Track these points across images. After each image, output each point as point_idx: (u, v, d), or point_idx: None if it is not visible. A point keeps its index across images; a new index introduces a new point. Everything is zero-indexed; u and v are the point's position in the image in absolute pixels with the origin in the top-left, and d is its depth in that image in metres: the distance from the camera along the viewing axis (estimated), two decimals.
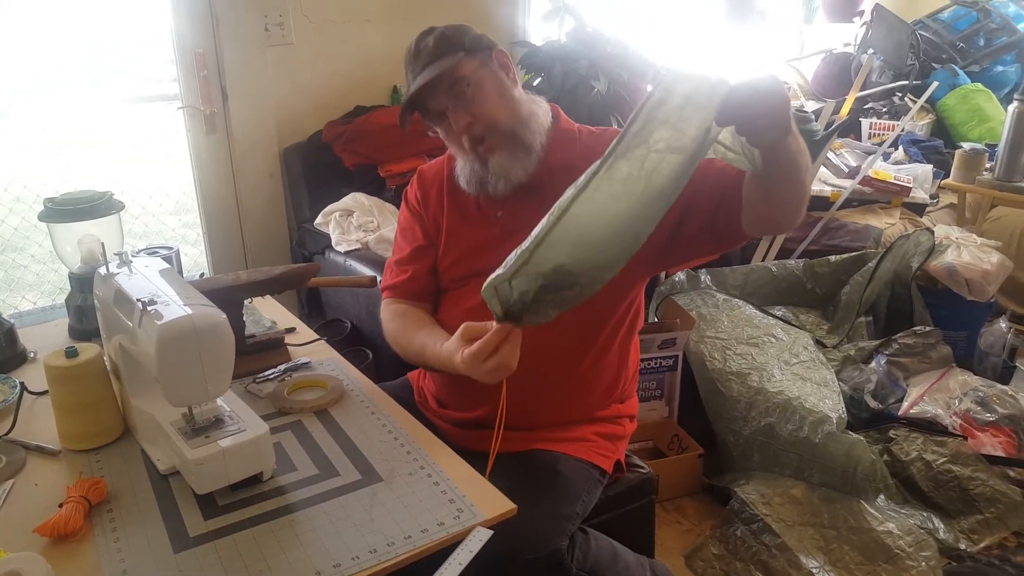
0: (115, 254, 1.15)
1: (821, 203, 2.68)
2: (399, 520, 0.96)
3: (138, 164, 3.25)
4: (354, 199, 2.44)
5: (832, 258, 2.42)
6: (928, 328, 2.17)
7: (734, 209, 1.12)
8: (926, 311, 2.30)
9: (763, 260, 2.55)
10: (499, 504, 1.00)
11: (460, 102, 1.22)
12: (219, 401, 1.04)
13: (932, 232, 2.41)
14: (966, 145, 2.89)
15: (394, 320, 1.36)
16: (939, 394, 2.03)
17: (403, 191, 1.44)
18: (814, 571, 1.66)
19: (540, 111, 1.30)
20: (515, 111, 1.25)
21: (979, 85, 3.41)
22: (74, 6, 2.36)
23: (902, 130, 3.18)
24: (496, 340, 1.01)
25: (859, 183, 2.71)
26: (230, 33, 2.35)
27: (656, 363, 2.08)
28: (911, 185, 2.77)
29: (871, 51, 3.62)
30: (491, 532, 0.94)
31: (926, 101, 3.26)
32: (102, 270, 1.14)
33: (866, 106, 3.49)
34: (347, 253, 2.27)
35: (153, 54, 2.47)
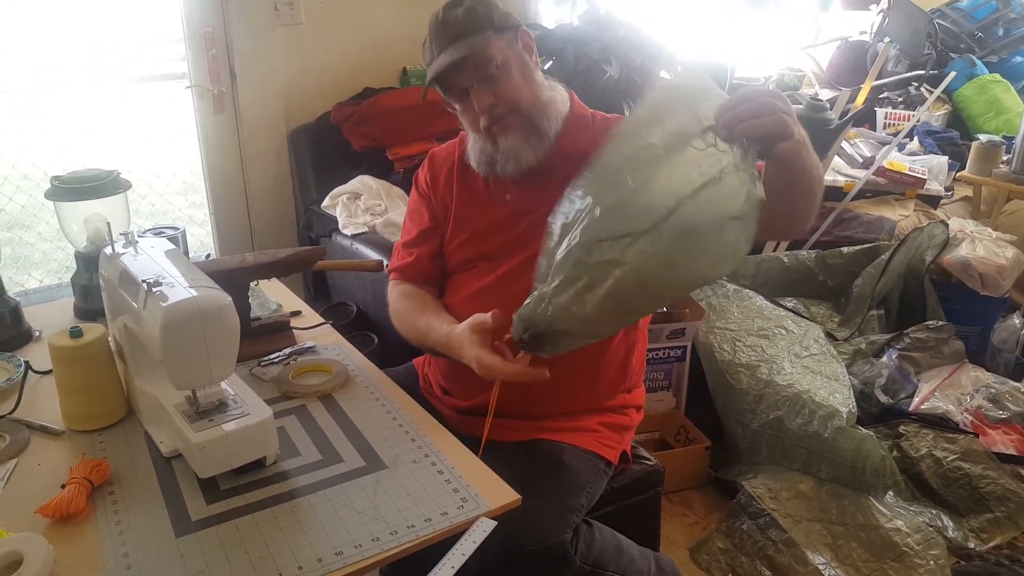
0: (121, 234, 1.14)
1: (834, 193, 2.64)
2: (402, 508, 0.95)
3: (146, 143, 3.24)
4: (362, 182, 2.42)
5: (845, 249, 2.39)
6: (940, 323, 2.15)
7: None
8: (939, 305, 2.28)
9: (775, 250, 2.53)
10: (503, 494, 0.98)
11: (485, 82, 1.20)
12: (223, 384, 1.03)
13: (946, 225, 2.37)
14: (982, 137, 2.85)
15: (400, 301, 1.35)
16: (950, 390, 2.00)
17: (414, 174, 1.43)
18: (821, 567, 1.64)
19: (559, 98, 1.29)
20: (536, 94, 1.24)
21: (997, 76, 3.35)
22: None
23: (918, 120, 3.13)
24: (517, 370, 1.04)
25: (873, 174, 2.68)
26: (239, 12, 2.33)
27: (664, 353, 2.06)
28: (926, 177, 2.73)
29: (887, 40, 3.56)
30: (495, 523, 0.93)
31: (943, 91, 3.21)
32: (108, 250, 1.13)
33: (881, 95, 3.44)
34: (354, 236, 2.26)
35: (162, 32, 2.45)
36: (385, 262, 1.72)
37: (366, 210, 2.33)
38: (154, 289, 0.96)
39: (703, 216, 0.88)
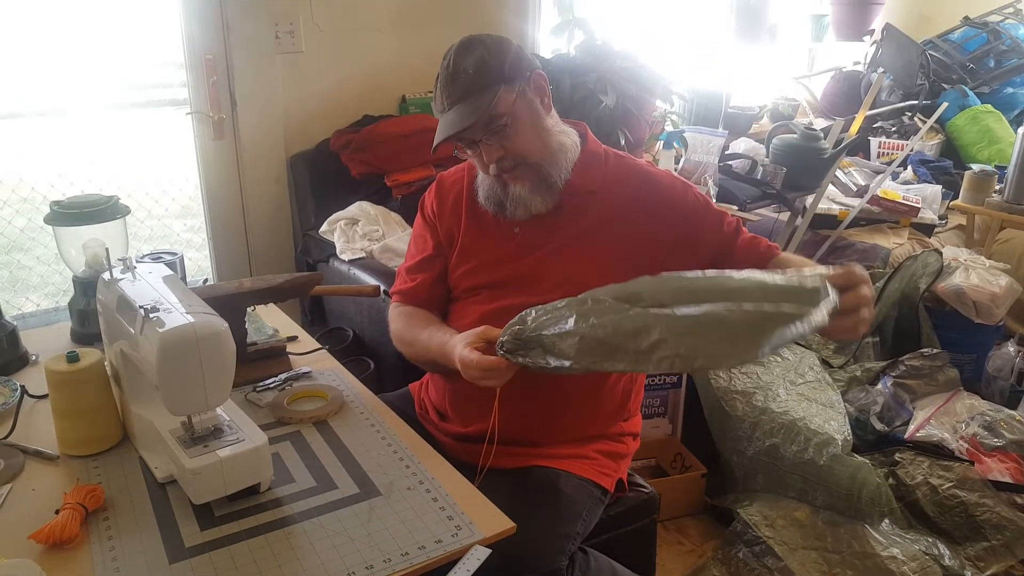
0: (119, 259, 1.15)
1: (829, 222, 2.67)
2: (396, 536, 0.95)
3: (145, 168, 3.25)
4: (360, 208, 2.43)
5: None
6: (935, 350, 2.15)
7: None
8: (933, 333, 2.29)
9: None
10: (498, 522, 0.98)
11: (495, 135, 1.21)
12: (219, 410, 1.03)
13: (940, 253, 2.39)
14: (975, 166, 2.88)
15: (400, 319, 1.36)
16: (946, 418, 2.00)
17: (420, 197, 1.43)
18: None
19: (569, 142, 1.29)
20: (546, 143, 1.25)
21: (989, 106, 3.40)
22: (84, 9, 2.37)
23: (911, 150, 3.17)
24: (492, 361, 1.06)
25: (867, 202, 2.70)
26: (241, 40, 2.36)
27: (660, 380, 2.07)
28: (920, 205, 2.76)
29: (881, 70, 3.61)
30: (489, 551, 0.93)
31: (936, 121, 3.25)
32: (106, 275, 1.14)
33: (875, 125, 3.48)
34: (351, 262, 2.27)
35: (163, 59, 2.47)
36: (382, 287, 1.73)
37: (364, 236, 2.34)
38: (151, 315, 0.97)
39: (742, 325, 0.88)
